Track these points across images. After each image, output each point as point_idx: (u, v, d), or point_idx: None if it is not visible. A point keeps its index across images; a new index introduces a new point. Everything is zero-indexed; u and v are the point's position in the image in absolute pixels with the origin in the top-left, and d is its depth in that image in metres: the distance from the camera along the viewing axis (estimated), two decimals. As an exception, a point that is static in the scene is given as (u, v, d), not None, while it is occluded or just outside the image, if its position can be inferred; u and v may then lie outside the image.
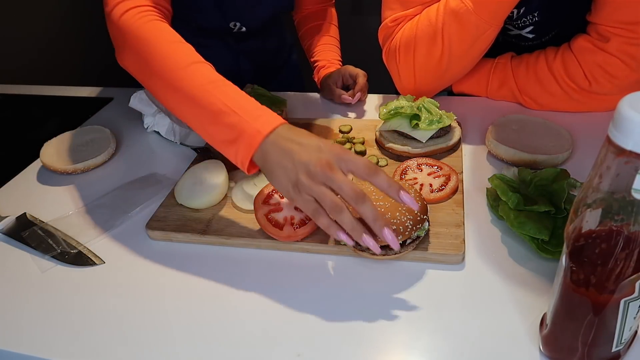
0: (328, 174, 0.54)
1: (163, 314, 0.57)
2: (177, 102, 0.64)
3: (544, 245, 0.58)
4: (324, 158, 0.54)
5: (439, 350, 0.50)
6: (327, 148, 0.55)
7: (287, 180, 0.56)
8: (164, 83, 0.64)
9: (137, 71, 0.69)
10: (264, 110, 0.60)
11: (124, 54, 0.70)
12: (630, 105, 0.33)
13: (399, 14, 0.86)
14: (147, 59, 0.65)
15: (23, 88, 1.21)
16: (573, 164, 0.75)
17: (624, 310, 0.40)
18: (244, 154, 0.58)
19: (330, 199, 0.54)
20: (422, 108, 0.80)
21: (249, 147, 0.58)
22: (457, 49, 0.81)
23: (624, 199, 0.36)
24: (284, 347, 0.52)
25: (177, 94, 0.63)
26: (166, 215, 0.70)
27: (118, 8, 0.69)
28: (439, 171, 0.73)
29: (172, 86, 0.63)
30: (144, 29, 0.67)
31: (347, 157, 0.55)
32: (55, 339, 0.55)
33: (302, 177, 0.55)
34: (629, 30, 0.76)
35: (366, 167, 0.54)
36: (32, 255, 0.67)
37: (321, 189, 0.54)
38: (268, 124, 0.58)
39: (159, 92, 0.66)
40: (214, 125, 0.60)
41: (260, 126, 0.58)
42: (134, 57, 0.68)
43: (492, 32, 0.79)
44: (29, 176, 0.86)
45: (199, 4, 0.99)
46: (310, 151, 0.55)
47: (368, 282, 0.59)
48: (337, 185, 0.54)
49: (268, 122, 0.58)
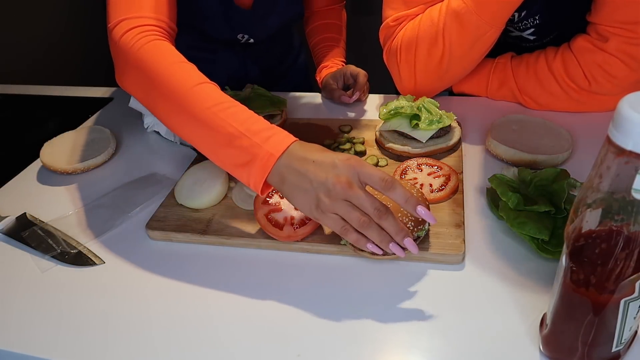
0: (348, 192, 0.54)
1: (163, 313, 0.57)
2: (183, 125, 0.63)
3: (544, 245, 0.58)
4: (342, 175, 0.54)
5: (439, 350, 0.50)
6: (342, 163, 0.55)
7: (308, 202, 0.56)
8: (169, 105, 0.63)
9: (139, 93, 0.67)
10: (274, 130, 0.59)
11: (125, 76, 0.68)
12: (630, 105, 0.33)
13: (401, 13, 0.86)
14: (149, 81, 0.64)
15: (23, 88, 1.21)
16: (573, 164, 0.75)
17: (624, 310, 0.40)
18: (256, 177, 0.58)
19: (357, 217, 0.54)
20: (422, 108, 0.80)
21: (262, 171, 0.57)
22: (457, 50, 0.81)
23: (624, 199, 0.36)
24: (284, 347, 0.52)
25: (183, 117, 0.62)
26: (166, 215, 0.70)
27: (120, 27, 0.67)
28: (439, 171, 0.73)
29: (177, 109, 0.62)
30: (145, 49, 0.65)
31: (364, 171, 0.54)
32: (55, 339, 0.55)
33: (323, 197, 0.54)
34: (628, 30, 0.76)
35: (382, 180, 0.53)
36: (32, 255, 0.67)
37: (344, 207, 0.54)
38: (280, 145, 0.57)
39: (164, 115, 0.65)
40: (224, 148, 0.59)
41: (272, 148, 0.57)
42: (136, 79, 0.66)
43: (493, 34, 0.79)
44: (29, 176, 0.86)
45: (207, 16, 0.98)
46: (326, 169, 0.55)
47: (368, 282, 0.59)
48: (359, 203, 0.54)
49: (279, 142, 0.57)
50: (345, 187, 0.54)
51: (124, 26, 0.67)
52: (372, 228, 0.55)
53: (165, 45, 0.67)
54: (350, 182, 0.54)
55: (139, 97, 0.68)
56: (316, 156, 0.56)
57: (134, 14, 0.68)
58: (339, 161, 0.55)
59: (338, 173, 0.54)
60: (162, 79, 0.63)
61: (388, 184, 0.53)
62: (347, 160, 0.55)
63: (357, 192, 0.54)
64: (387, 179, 0.53)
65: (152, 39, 0.66)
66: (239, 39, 1.05)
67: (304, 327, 0.54)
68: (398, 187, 0.54)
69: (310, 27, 1.16)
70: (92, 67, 1.80)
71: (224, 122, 0.59)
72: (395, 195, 0.54)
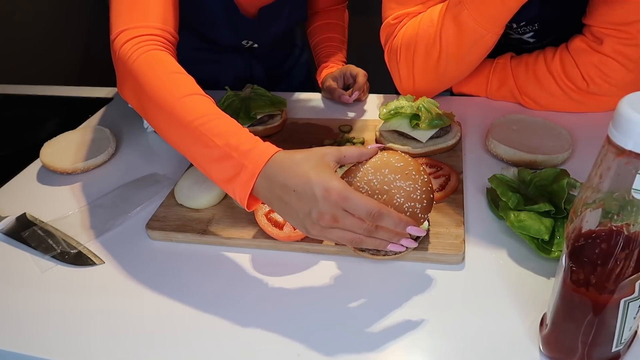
0: (334, 224, 0.52)
1: (163, 313, 0.57)
2: (172, 137, 0.62)
3: (544, 245, 0.58)
4: (325, 212, 0.51)
5: (439, 350, 0.50)
6: (322, 200, 0.51)
7: (300, 227, 0.54)
8: (159, 116, 0.62)
9: (135, 103, 0.67)
10: (253, 142, 0.57)
11: (124, 85, 0.68)
12: (630, 105, 0.33)
13: (401, 11, 0.86)
14: (142, 90, 0.63)
15: (23, 88, 1.21)
16: (573, 164, 0.75)
17: (624, 310, 0.40)
18: (241, 193, 0.56)
19: (351, 238, 0.53)
20: (422, 108, 0.80)
21: (245, 186, 0.55)
22: (454, 52, 0.81)
23: (624, 199, 0.36)
24: (284, 347, 0.52)
25: (171, 129, 0.61)
26: (166, 215, 0.70)
27: (120, 37, 0.67)
28: (439, 171, 0.73)
29: (166, 120, 0.61)
30: (142, 59, 0.65)
31: (348, 206, 0.51)
32: (55, 339, 0.55)
33: (311, 227, 0.53)
34: (622, 31, 0.77)
35: (370, 215, 0.51)
36: (32, 255, 0.67)
37: (336, 234, 0.53)
38: (260, 158, 0.55)
39: (156, 126, 0.64)
40: (209, 164, 0.58)
41: (252, 163, 0.55)
42: (132, 88, 0.66)
43: (490, 38, 0.79)
44: (29, 176, 0.86)
45: (212, 23, 0.98)
46: (308, 203, 0.52)
47: (368, 282, 0.59)
48: (349, 227, 0.53)
49: (259, 156, 0.55)
50: (330, 221, 0.52)
51: (124, 37, 0.67)
52: (367, 242, 0.54)
53: (163, 55, 0.66)
54: (335, 216, 0.51)
55: (136, 107, 0.68)
56: (296, 183, 0.52)
57: (135, 24, 0.68)
58: (319, 196, 0.51)
59: (320, 210, 0.51)
60: (154, 89, 0.62)
61: (376, 216, 0.52)
62: (328, 195, 0.51)
63: (343, 221, 0.52)
64: (374, 212, 0.51)
65: (150, 49, 0.66)
66: (244, 44, 1.05)
67: (304, 327, 0.54)
68: (386, 216, 0.52)
69: (312, 26, 1.16)
70: (92, 67, 1.80)
71: (205, 137, 0.57)
72: (386, 224, 0.53)
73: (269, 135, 0.89)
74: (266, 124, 0.89)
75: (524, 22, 0.85)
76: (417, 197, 0.56)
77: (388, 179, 0.56)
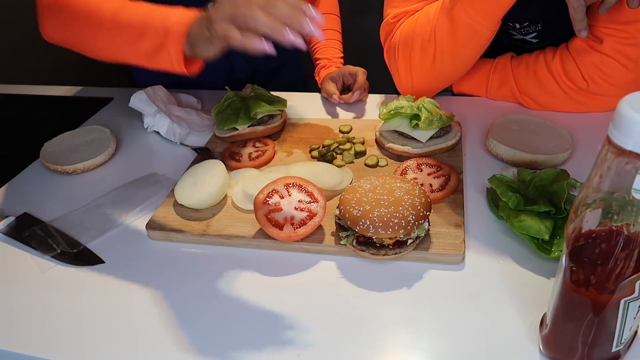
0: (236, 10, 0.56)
1: (163, 313, 0.57)
2: (104, 44, 0.65)
3: (544, 245, 0.58)
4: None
5: (439, 350, 0.50)
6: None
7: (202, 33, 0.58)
8: (88, 30, 0.66)
9: (63, 33, 0.69)
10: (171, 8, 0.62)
11: (49, 21, 0.70)
12: (630, 105, 0.33)
13: (400, 10, 0.87)
14: (70, 14, 0.66)
15: (23, 88, 1.21)
16: (573, 164, 0.75)
17: (624, 310, 0.40)
18: (177, 53, 0.60)
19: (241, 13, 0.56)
20: (422, 108, 0.80)
21: (177, 43, 0.60)
22: (449, 49, 0.81)
23: (624, 199, 0.36)
24: (284, 347, 0.52)
25: (101, 35, 0.64)
26: (166, 215, 0.70)
27: None
28: (439, 171, 0.73)
29: (95, 29, 0.65)
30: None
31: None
32: (55, 339, 0.55)
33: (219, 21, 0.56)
34: (622, 30, 0.77)
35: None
36: (32, 255, 0.67)
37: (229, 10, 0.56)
38: (183, 17, 0.60)
39: (88, 43, 0.67)
40: (139, 43, 0.62)
41: (177, 21, 0.60)
42: (58, 17, 0.68)
43: (484, 34, 0.79)
44: (29, 176, 0.86)
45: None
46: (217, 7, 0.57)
47: (368, 282, 0.59)
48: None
49: (182, 15, 0.61)
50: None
51: None
52: (262, 19, 0.54)
53: None
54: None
55: (63, 37, 0.70)
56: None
57: None
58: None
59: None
60: (82, 5, 0.66)
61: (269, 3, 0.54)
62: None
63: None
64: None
65: None
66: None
67: (304, 327, 0.54)
68: (280, 4, 0.53)
69: None
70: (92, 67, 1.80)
71: (128, 19, 0.62)
72: (278, 10, 0.54)
73: (269, 136, 0.89)
74: (266, 124, 0.89)
75: (527, 22, 0.85)
76: (416, 193, 0.60)
77: (389, 181, 0.63)
